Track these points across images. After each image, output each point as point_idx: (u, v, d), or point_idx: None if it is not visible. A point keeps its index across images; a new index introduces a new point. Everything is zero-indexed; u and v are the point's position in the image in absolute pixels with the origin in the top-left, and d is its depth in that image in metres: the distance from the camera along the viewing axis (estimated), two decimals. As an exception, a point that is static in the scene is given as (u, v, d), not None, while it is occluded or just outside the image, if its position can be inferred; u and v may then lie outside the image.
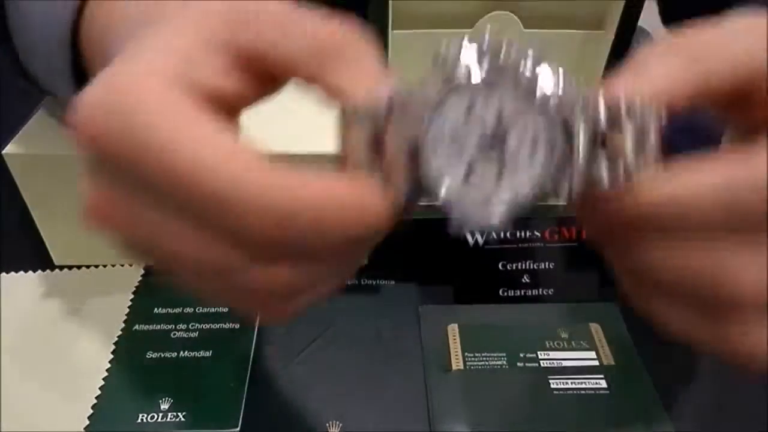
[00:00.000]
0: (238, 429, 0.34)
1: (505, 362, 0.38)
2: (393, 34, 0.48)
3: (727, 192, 0.18)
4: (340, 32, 0.20)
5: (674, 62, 0.19)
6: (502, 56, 0.19)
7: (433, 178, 0.19)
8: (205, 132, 0.17)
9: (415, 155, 0.19)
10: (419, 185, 0.19)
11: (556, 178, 0.19)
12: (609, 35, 0.49)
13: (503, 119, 0.19)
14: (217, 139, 0.17)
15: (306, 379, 0.37)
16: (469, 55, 0.19)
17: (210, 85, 0.19)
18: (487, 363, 0.38)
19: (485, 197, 0.19)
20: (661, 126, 0.19)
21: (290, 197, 0.17)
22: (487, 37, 0.19)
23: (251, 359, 0.38)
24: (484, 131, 0.19)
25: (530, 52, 0.19)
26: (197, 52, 0.19)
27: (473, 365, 0.38)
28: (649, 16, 0.52)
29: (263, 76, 0.20)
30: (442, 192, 0.19)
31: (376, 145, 0.19)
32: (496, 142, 0.19)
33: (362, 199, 0.18)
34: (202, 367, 0.38)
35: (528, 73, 0.19)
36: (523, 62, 0.19)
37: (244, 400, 0.35)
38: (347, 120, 0.19)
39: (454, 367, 0.38)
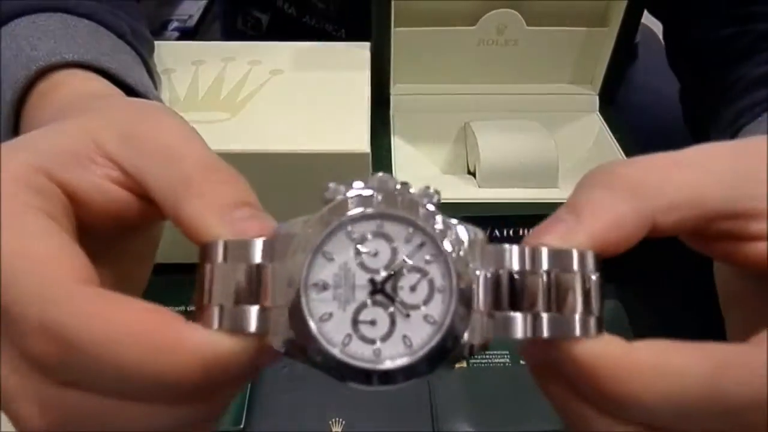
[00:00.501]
0: (242, 427, 0.34)
1: (508, 360, 0.38)
2: (395, 31, 0.48)
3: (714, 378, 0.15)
4: (203, 157, 0.18)
5: (614, 201, 0.17)
6: (397, 195, 0.17)
7: (315, 331, 0.16)
8: (27, 233, 0.16)
9: (296, 299, 0.16)
10: (299, 333, 0.16)
11: (456, 328, 0.16)
12: (612, 32, 0.49)
13: (395, 261, 0.17)
14: (35, 243, 0.16)
15: (308, 376, 0.37)
16: (358, 192, 0.17)
17: (75, 185, 0.18)
18: (490, 361, 0.38)
19: (374, 351, 0.16)
20: (591, 275, 0.17)
21: (79, 322, 0.15)
22: (379, 175, 0.17)
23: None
24: (374, 274, 0.17)
25: (428, 195, 0.17)
26: (75, 155, 0.18)
27: (476, 363, 0.38)
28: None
29: (150, 200, 0.18)
30: (325, 346, 0.16)
31: (249, 286, 0.16)
32: (386, 285, 0.17)
33: (169, 341, 0.16)
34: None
35: (423, 211, 0.17)
36: (419, 203, 0.17)
37: (247, 399, 0.35)
38: (209, 257, 0.17)
39: (457, 365, 0.38)
